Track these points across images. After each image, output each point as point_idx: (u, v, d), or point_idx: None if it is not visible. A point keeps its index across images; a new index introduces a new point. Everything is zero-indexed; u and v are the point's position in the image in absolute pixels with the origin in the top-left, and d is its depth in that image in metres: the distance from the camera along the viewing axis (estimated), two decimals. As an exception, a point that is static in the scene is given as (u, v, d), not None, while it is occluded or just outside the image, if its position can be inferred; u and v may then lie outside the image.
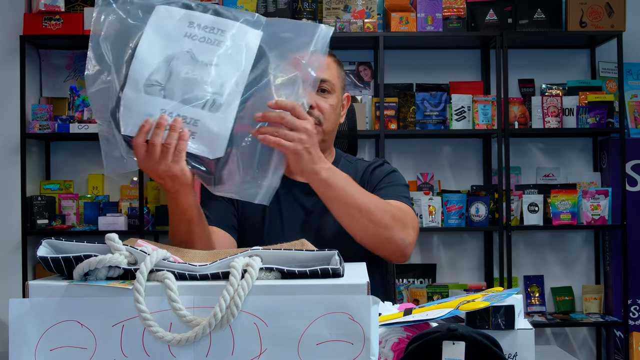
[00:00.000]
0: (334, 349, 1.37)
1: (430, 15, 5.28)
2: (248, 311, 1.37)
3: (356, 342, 1.37)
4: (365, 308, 1.37)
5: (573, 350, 5.58)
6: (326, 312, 1.37)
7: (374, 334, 1.39)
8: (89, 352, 1.38)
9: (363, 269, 1.56)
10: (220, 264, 1.43)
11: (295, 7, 5.24)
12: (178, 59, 1.81)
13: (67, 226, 5.23)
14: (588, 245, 5.67)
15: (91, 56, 1.87)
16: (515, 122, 5.35)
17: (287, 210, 2.53)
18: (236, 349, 1.37)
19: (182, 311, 1.36)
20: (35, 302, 1.39)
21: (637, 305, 5.37)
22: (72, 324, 1.38)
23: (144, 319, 1.35)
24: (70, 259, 1.41)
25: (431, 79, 5.59)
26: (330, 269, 1.43)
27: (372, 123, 5.34)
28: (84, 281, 1.40)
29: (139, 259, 1.42)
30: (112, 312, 1.38)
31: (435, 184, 5.56)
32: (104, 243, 1.44)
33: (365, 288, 1.37)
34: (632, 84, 5.63)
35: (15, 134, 5.27)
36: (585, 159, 5.70)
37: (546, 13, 5.33)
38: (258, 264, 1.41)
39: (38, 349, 1.38)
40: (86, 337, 1.38)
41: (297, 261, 1.46)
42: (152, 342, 1.37)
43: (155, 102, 1.79)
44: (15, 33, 5.34)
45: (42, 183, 5.42)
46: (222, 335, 1.37)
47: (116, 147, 1.86)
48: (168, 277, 1.38)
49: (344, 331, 1.37)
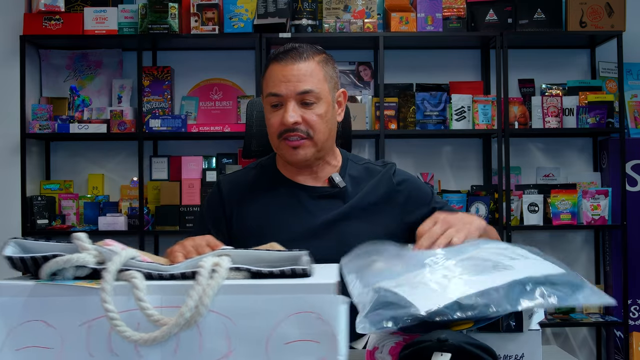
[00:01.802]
0: (302, 348, 1.36)
1: (430, 15, 5.27)
2: (216, 310, 1.36)
3: (324, 342, 1.36)
4: (334, 307, 1.36)
5: (573, 350, 5.57)
6: (294, 312, 1.36)
7: (342, 333, 1.39)
8: (55, 352, 1.37)
9: (334, 269, 1.55)
10: (188, 263, 1.43)
11: (295, 7, 5.23)
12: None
13: (67, 226, 5.23)
14: (588, 245, 5.66)
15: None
16: (515, 122, 5.34)
17: (290, 214, 2.49)
18: (204, 348, 1.37)
19: (150, 310, 1.35)
20: (1, 302, 1.38)
21: (637, 305, 5.36)
22: (38, 324, 1.37)
23: (111, 318, 1.35)
24: (38, 259, 1.41)
25: (431, 79, 5.59)
26: (299, 269, 1.43)
27: (372, 123, 5.34)
28: (52, 281, 1.40)
29: (107, 258, 1.42)
30: (78, 311, 1.37)
31: (435, 184, 5.55)
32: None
33: (333, 287, 1.36)
34: (632, 84, 5.62)
35: (15, 134, 5.28)
36: (585, 159, 5.69)
37: (546, 13, 5.32)
38: (227, 263, 1.41)
39: (3, 348, 1.37)
40: (52, 336, 1.37)
41: (266, 261, 1.46)
42: (119, 341, 1.36)
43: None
44: (15, 33, 5.36)
45: (42, 183, 5.43)
46: (190, 335, 1.37)
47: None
48: (135, 276, 1.38)
49: (312, 330, 1.36)
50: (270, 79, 2.44)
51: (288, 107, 2.39)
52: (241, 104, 5.40)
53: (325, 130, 2.46)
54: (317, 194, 2.51)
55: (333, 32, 5.26)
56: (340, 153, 2.65)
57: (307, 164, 2.50)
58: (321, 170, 2.56)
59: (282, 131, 2.42)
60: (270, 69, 2.46)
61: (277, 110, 2.43)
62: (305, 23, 5.22)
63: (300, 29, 5.21)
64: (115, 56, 5.57)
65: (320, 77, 2.44)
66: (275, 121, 2.43)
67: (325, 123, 2.45)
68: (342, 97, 2.59)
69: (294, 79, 2.39)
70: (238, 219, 2.51)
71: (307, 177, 2.55)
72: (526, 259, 1.62)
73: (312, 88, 2.40)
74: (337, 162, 2.61)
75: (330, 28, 5.26)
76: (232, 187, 2.59)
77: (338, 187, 2.51)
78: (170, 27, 5.16)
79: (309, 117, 2.40)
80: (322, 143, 2.46)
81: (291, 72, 2.40)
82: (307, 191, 2.52)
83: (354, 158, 2.67)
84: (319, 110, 2.42)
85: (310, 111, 2.41)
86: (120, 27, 5.28)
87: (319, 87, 2.42)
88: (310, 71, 2.41)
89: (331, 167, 2.59)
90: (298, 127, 2.40)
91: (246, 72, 5.55)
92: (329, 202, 2.49)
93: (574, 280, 1.54)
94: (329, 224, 2.46)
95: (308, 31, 5.21)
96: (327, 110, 2.45)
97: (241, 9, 5.22)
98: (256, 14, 5.22)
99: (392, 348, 1.55)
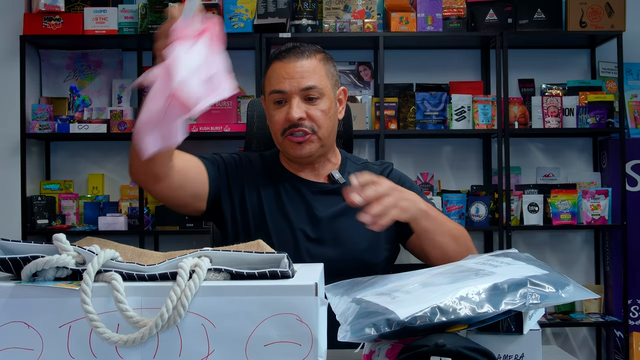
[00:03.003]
0: (282, 350, 1.36)
1: (430, 15, 5.27)
2: (195, 312, 1.37)
3: (304, 343, 1.36)
4: (313, 309, 1.36)
5: (573, 350, 5.56)
6: (274, 313, 1.36)
7: (322, 334, 1.39)
8: (35, 354, 1.37)
9: (317, 269, 1.55)
10: (168, 264, 1.43)
11: (295, 7, 5.24)
12: None
13: (67, 226, 5.24)
14: (588, 245, 5.65)
15: None
16: (515, 122, 5.34)
17: (292, 205, 2.50)
18: (184, 350, 1.37)
19: (129, 312, 1.36)
20: (-19, 304, 1.39)
21: (637, 305, 5.35)
22: (18, 325, 1.38)
23: (91, 320, 1.35)
24: (18, 260, 1.42)
25: (431, 79, 5.59)
26: (279, 271, 1.43)
27: (372, 123, 5.34)
28: (33, 282, 1.41)
29: (87, 259, 1.42)
30: (59, 313, 1.37)
31: (435, 184, 5.55)
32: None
33: (313, 289, 1.36)
34: (632, 84, 5.61)
35: (15, 134, 5.29)
36: (585, 159, 5.68)
37: (546, 13, 5.32)
38: (206, 264, 1.42)
39: (-17, 350, 1.38)
40: (33, 338, 1.37)
41: (247, 263, 1.46)
42: (99, 343, 1.37)
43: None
44: (15, 33, 5.36)
45: (42, 183, 5.44)
46: (169, 336, 1.37)
47: None
48: (115, 277, 1.38)
49: (291, 332, 1.36)
50: (273, 77, 2.46)
51: (292, 103, 2.41)
52: (241, 104, 5.40)
53: (329, 126, 2.48)
54: (318, 189, 2.53)
55: (333, 32, 5.26)
56: (339, 152, 2.67)
57: (310, 160, 2.52)
58: (322, 167, 2.58)
59: (287, 127, 2.44)
60: (272, 67, 2.48)
61: (281, 107, 2.45)
62: (305, 23, 5.22)
63: (300, 29, 5.21)
64: (115, 56, 5.57)
65: (322, 73, 2.47)
66: (279, 118, 2.45)
67: (328, 119, 2.47)
68: (343, 95, 2.61)
69: (297, 75, 2.42)
70: (241, 197, 2.52)
71: (309, 173, 2.57)
72: (509, 265, 1.62)
73: (315, 84, 2.43)
74: (337, 160, 2.64)
75: (330, 28, 5.26)
76: (249, 165, 2.60)
77: (338, 184, 2.52)
78: (170, 27, 5.16)
79: (313, 112, 2.43)
80: (326, 139, 2.49)
81: (294, 69, 2.43)
82: (308, 185, 2.53)
83: (352, 158, 2.70)
84: (323, 106, 2.45)
85: (314, 107, 2.43)
86: (120, 27, 5.29)
87: (321, 83, 2.45)
88: (312, 68, 2.45)
89: (331, 165, 2.61)
90: (302, 123, 2.42)
91: (246, 72, 5.55)
92: (328, 198, 2.51)
93: (557, 279, 1.55)
94: (329, 220, 2.47)
95: (308, 31, 5.21)
96: (330, 106, 2.48)
97: (241, 9, 5.22)
98: (256, 14, 5.22)
99: (388, 350, 1.55)
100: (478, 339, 1.51)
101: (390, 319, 1.43)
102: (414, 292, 1.54)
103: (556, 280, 1.54)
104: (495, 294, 1.47)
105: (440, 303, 1.45)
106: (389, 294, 1.56)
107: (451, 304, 1.45)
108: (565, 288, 1.53)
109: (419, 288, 1.56)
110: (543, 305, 1.48)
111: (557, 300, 1.50)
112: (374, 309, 1.50)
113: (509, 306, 1.45)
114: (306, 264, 1.61)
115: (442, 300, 1.46)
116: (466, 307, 1.44)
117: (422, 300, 1.47)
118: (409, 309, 1.45)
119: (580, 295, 1.54)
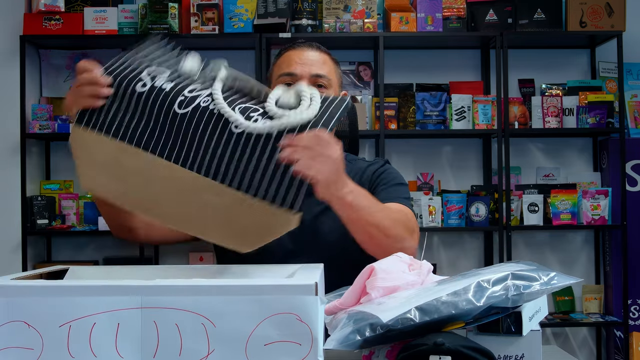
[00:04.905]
0: (282, 349, 1.37)
1: (430, 15, 5.27)
2: (196, 311, 1.37)
3: (304, 343, 1.37)
4: (313, 308, 1.37)
5: (573, 350, 5.56)
6: (274, 313, 1.37)
7: (322, 334, 1.39)
8: (35, 353, 1.38)
9: (317, 270, 1.55)
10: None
11: (295, 7, 5.24)
12: None
13: (67, 226, 5.24)
14: (588, 245, 5.65)
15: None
16: (515, 122, 5.34)
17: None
18: (184, 349, 1.37)
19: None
20: (-18, 303, 1.39)
21: (637, 305, 5.36)
22: (19, 325, 1.38)
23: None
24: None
25: (431, 79, 5.59)
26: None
27: (372, 123, 5.34)
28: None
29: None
30: (59, 312, 1.38)
31: (435, 184, 5.55)
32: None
33: (312, 288, 1.37)
34: (632, 84, 5.61)
35: (15, 134, 5.28)
36: (585, 159, 5.68)
37: (546, 13, 5.32)
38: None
39: (-17, 350, 1.38)
40: (33, 337, 1.38)
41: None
42: (99, 342, 1.37)
43: None
44: (15, 33, 5.35)
45: (42, 183, 5.44)
46: (169, 336, 1.37)
47: None
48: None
49: (291, 332, 1.37)
50: (285, 62, 2.51)
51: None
52: (241, 104, 5.39)
53: None
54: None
55: (333, 32, 5.26)
56: None
57: None
58: None
59: None
60: (285, 54, 2.54)
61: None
62: (305, 23, 5.22)
63: (300, 29, 5.21)
64: (115, 56, 5.55)
65: (332, 69, 2.53)
66: None
67: None
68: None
69: (309, 62, 2.48)
70: None
71: None
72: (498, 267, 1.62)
73: (325, 73, 2.48)
74: None
75: (330, 28, 5.26)
76: None
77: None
78: (170, 27, 5.17)
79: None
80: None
81: (307, 56, 2.49)
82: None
83: (346, 156, 2.67)
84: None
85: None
86: (120, 27, 5.29)
87: (330, 75, 2.51)
88: (324, 60, 2.52)
89: None
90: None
91: (246, 72, 5.42)
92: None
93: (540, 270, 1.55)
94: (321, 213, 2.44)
95: (308, 31, 5.21)
96: None
97: (241, 9, 5.22)
98: (256, 14, 5.22)
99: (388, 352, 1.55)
100: (478, 339, 1.51)
101: (373, 323, 1.43)
102: (399, 298, 1.54)
103: (539, 271, 1.55)
104: (479, 291, 1.48)
105: (422, 303, 1.45)
106: (375, 303, 1.57)
107: (434, 303, 1.45)
108: (549, 276, 1.53)
109: (403, 298, 1.56)
110: (527, 296, 1.48)
111: (541, 287, 1.50)
112: (360, 317, 1.50)
113: (492, 300, 1.46)
114: (306, 264, 1.61)
115: (425, 301, 1.46)
116: (449, 305, 1.45)
117: (406, 305, 1.47)
118: (391, 312, 1.45)
119: (564, 280, 1.54)
